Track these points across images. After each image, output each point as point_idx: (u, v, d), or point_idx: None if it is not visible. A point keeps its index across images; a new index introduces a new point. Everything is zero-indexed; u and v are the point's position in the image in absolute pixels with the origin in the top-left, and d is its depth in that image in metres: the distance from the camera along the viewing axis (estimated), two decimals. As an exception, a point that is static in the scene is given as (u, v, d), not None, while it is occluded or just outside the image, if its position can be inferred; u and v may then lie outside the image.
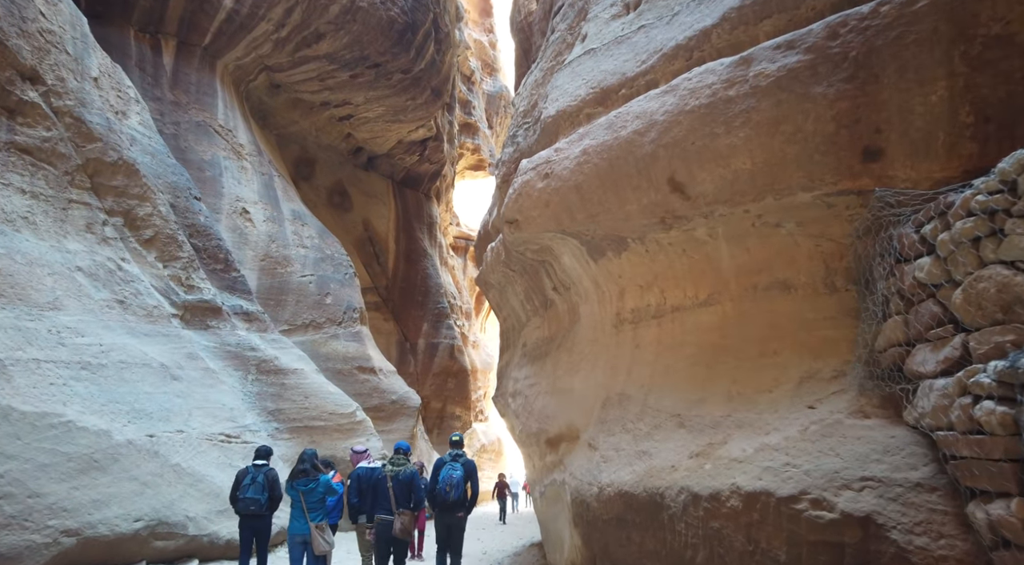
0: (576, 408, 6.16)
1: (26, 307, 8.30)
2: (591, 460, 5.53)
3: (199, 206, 12.85)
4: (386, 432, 18.42)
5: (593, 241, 5.72)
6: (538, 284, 7.33)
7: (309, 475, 7.72)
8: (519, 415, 7.57)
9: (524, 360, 7.94)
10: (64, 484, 7.64)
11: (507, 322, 9.68)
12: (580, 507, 5.47)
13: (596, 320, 6.21)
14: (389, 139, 24.30)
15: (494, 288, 9.30)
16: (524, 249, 6.75)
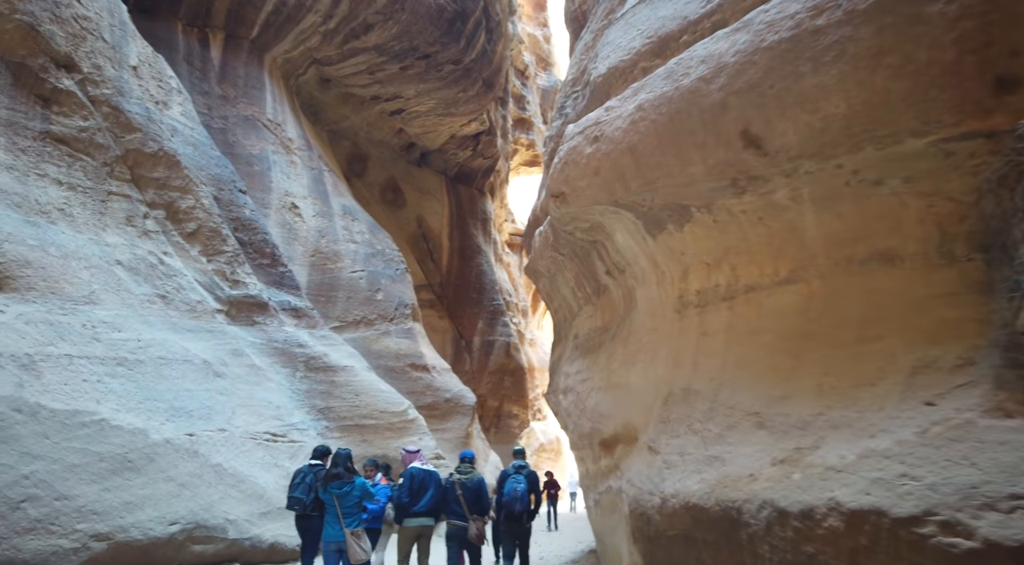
0: (633, 406, 5.38)
1: (59, 301, 8.05)
2: (652, 466, 4.74)
3: (244, 199, 12.59)
4: (440, 431, 17.93)
5: (651, 213, 4.93)
6: (589, 268, 6.57)
7: (343, 478, 7.19)
8: (570, 413, 6.83)
9: (576, 353, 7.18)
10: (95, 485, 7.32)
11: (558, 313, 8.94)
12: (640, 520, 4.69)
13: (655, 305, 5.41)
14: (441, 134, 23.87)
15: (544, 277, 8.58)
16: (573, 228, 6.00)
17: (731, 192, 4.32)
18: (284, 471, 10.58)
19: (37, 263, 7.87)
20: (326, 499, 7.31)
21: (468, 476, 7.53)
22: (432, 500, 7.87)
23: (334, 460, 7.32)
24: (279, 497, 9.99)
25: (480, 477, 7.68)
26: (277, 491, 10.05)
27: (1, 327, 7.10)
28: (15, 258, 7.57)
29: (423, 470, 8.07)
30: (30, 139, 8.43)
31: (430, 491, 8.00)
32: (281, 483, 10.29)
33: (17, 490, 6.52)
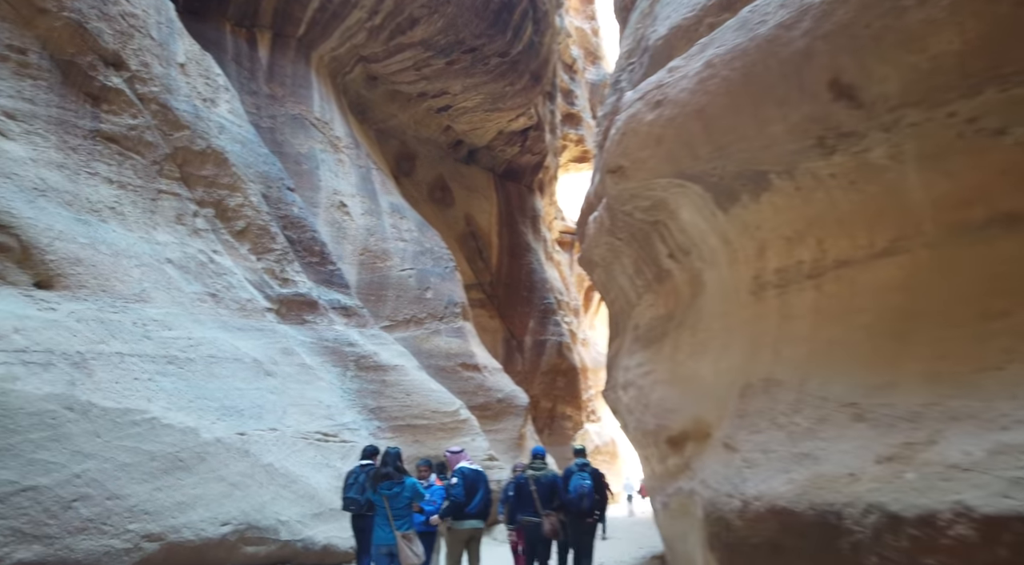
0: (705, 399, 4.89)
1: (110, 299, 8.00)
2: (729, 465, 4.24)
3: (292, 196, 12.51)
4: (493, 432, 17.59)
5: (721, 183, 4.43)
6: (650, 252, 6.09)
7: (393, 478, 6.89)
8: (632, 410, 6.36)
9: (636, 345, 6.71)
10: (146, 485, 7.20)
11: (615, 305, 8.46)
12: (717, 525, 4.20)
13: (727, 288, 4.91)
14: (489, 130, 23.58)
15: (599, 266, 8.12)
16: (632, 208, 5.54)
17: (817, 153, 3.80)
18: (336, 471, 10.38)
19: (88, 261, 7.83)
20: (376, 500, 7.03)
21: (542, 472, 7.60)
22: (482, 501, 7.61)
23: (383, 459, 7.04)
24: (331, 498, 9.79)
25: (554, 473, 7.69)
26: (329, 492, 9.86)
27: (52, 325, 7.05)
28: (66, 256, 7.53)
29: (473, 470, 7.79)
30: (80, 137, 8.43)
31: (480, 492, 7.67)
32: (333, 484, 10.10)
33: (69, 489, 6.42)
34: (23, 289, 7.07)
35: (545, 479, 7.56)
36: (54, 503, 6.24)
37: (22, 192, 7.31)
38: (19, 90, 7.70)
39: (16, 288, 7.00)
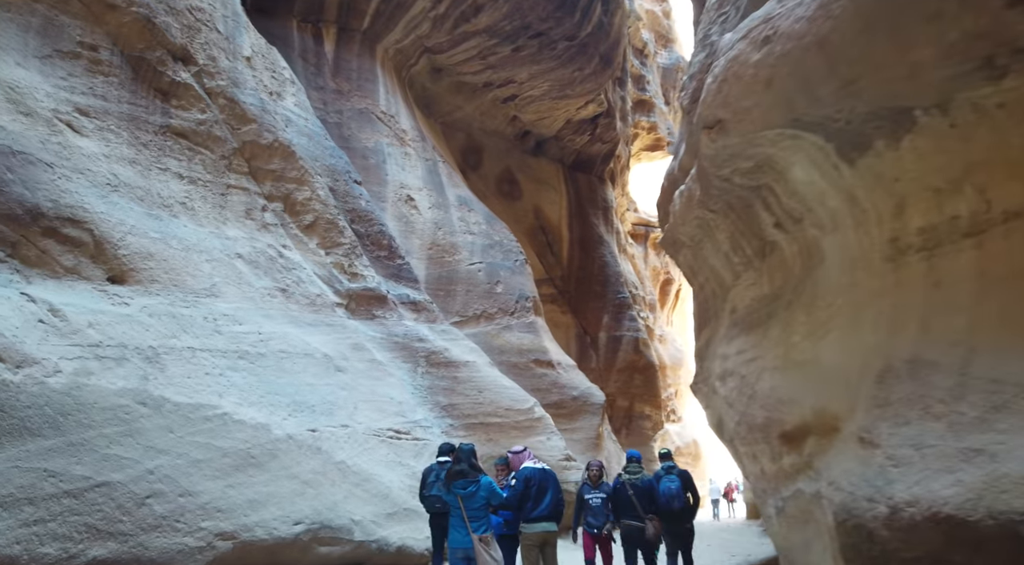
0: (828, 386, 4.19)
1: (181, 294, 7.88)
2: (868, 463, 3.55)
3: (359, 190, 12.30)
4: (569, 431, 17.01)
5: (848, 129, 3.74)
6: (751, 224, 5.40)
7: (468, 476, 6.43)
8: (732, 403, 5.69)
9: (734, 331, 6.02)
10: (218, 482, 7.01)
11: (704, 289, 7.75)
12: (854, 535, 3.52)
13: (853, 256, 4.19)
14: (557, 119, 23.00)
15: (686, 247, 7.43)
16: (730, 171, 4.88)
17: (982, 77, 3.07)
18: (409, 470, 10.06)
19: (159, 256, 7.73)
20: (450, 500, 6.59)
21: (638, 476, 7.67)
22: (553, 502, 7.14)
23: (456, 456, 6.60)
24: (405, 497, 9.47)
25: (650, 477, 7.82)
26: (402, 491, 9.53)
27: (125, 320, 6.95)
28: (138, 251, 7.44)
29: (538, 469, 7.29)
30: (151, 133, 8.38)
31: (549, 492, 7.18)
32: (406, 483, 9.78)
33: (142, 485, 6.26)
34: (97, 284, 7.00)
35: (642, 483, 7.59)
36: (128, 500, 6.08)
37: (95, 187, 7.26)
38: (91, 87, 7.68)
39: (90, 283, 6.93)
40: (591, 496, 7.88)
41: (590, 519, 7.87)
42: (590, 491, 7.90)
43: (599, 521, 7.78)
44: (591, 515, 7.88)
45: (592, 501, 7.86)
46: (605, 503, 7.80)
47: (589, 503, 7.89)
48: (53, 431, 5.65)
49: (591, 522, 7.86)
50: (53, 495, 5.48)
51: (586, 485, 7.96)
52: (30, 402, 5.52)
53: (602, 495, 7.84)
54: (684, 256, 7.77)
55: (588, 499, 7.89)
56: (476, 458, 6.59)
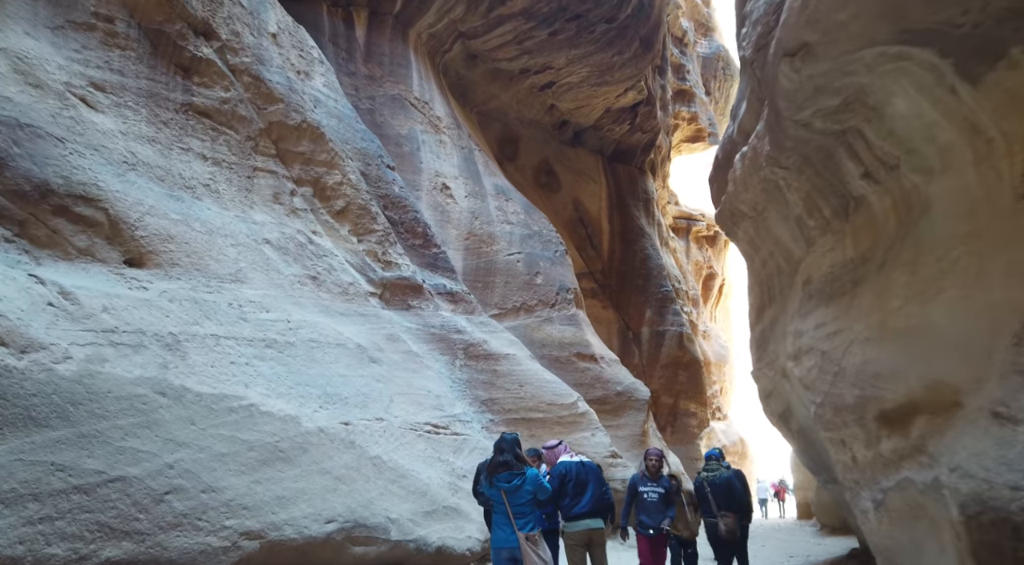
0: (944, 354, 3.47)
1: (204, 278, 7.45)
2: (1009, 443, 2.85)
3: (392, 175, 11.81)
4: (613, 428, 16.31)
5: (974, 34, 3.02)
6: (831, 178, 4.67)
7: (512, 469, 5.82)
8: (811, 384, 4.96)
9: (810, 304, 5.29)
10: (244, 477, 6.53)
11: (767, 265, 7.01)
12: (992, 532, 2.82)
13: (972, 197, 3.46)
14: (595, 107, 22.25)
15: (746, 218, 6.71)
16: (812, 113, 4.17)
17: None
18: (448, 466, 9.52)
19: (180, 238, 7.32)
20: (492, 495, 6.00)
21: (715, 474, 7.53)
22: (595, 497, 6.58)
23: (498, 446, 6.00)
24: (444, 495, 8.93)
25: (729, 474, 7.60)
26: (442, 488, 8.99)
27: (144, 305, 6.53)
28: (157, 232, 7.04)
29: (575, 463, 6.74)
30: (172, 111, 7.99)
31: (590, 487, 6.62)
32: (446, 479, 9.24)
33: (161, 481, 5.82)
34: (113, 266, 6.60)
35: (720, 480, 7.42)
36: (145, 496, 5.64)
37: (111, 165, 6.87)
38: (107, 61, 7.30)
39: (105, 265, 6.54)
40: (647, 490, 7.07)
41: (643, 517, 7.06)
42: (646, 484, 7.09)
43: (654, 520, 6.99)
44: (644, 512, 7.09)
45: (647, 496, 7.05)
46: (663, 499, 6.99)
47: (644, 498, 7.07)
48: (62, 422, 5.22)
49: (644, 522, 7.07)
50: (61, 491, 5.05)
51: (642, 478, 7.17)
52: (36, 390, 5.10)
53: (659, 490, 7.01)
54: (744, 229, 7.04)
55: (643, 493, 7.08)
56: (521, 448, 5.99)
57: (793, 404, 6.04)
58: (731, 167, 7.02)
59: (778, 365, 6.25)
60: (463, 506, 9.18)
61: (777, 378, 6.33)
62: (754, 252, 7.17)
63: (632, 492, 7.25)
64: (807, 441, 6.66)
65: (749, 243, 7.09)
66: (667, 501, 6.99)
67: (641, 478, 7.17)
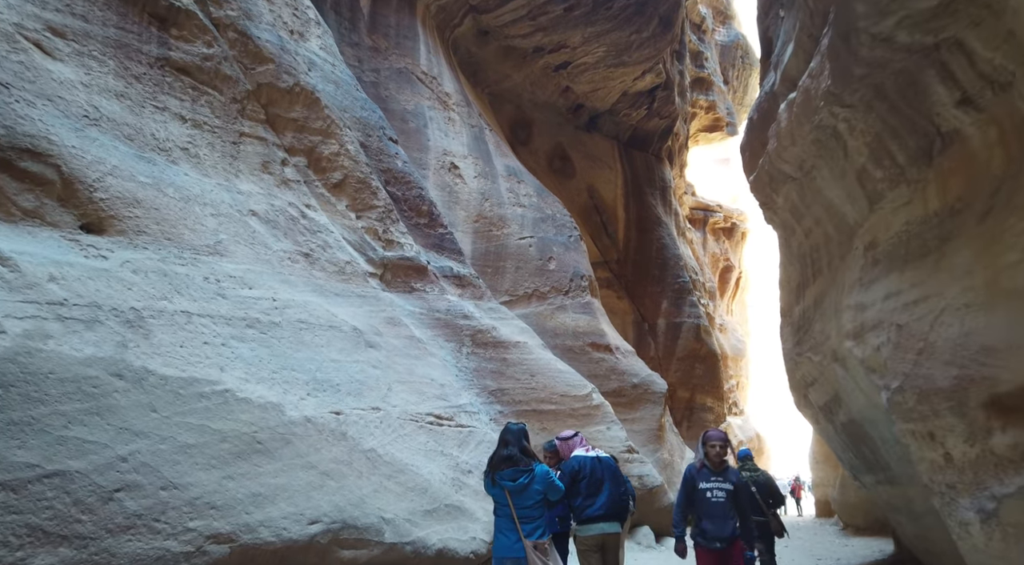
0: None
1: (176, 249, 6.66)
2: None
3: (395, 148, 10.98)
4: (628, 422, 15.46)
5: None
6: (913, 112, 3.80)
7: (518, 464, 5.00)
8: (880, 365, 4.09)
9: (875, 271, 4.41)
10: (214, 472, 5.74)
11: (810, 236, 6.12)
12: None
13: None
14: (612, 90, 21.32)
15: (788, 181, 5.83)
16: (896, 21, 3.29)
17: None
18: (452, 461, 8.71)
19: (149, 203, 6.53)
20: (495, 495, 5.18)
21: (757, 474, 7.33)
22: (612, 497, 5.74)
23: (503, 438, 5.18)
24: (447, 492, 8.13)
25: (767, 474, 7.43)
26: (444, 485, 8.18)
27: (101, 275, 5.75)
28: (121, 195, 6.24)
29: (590, 458, 5.90)
30: (145, 65, 7.19)
31: (606, 485, 5.79)
32: (449, 475, 8.44)
33: (111, 476, 5.03)
34: (66, 231, 5.81)
35: (763, 479, 7.21)
36: (90, 494, 4.85)
37: (68, 119, 6.08)
38: (69, 4, 6.52)
39: (57, 230, 5.75)
40: (710, 486, 5.33)
41: (706, 525, 5.35)
42: (708, 479, 5.38)
43: (722, 529, 5.24)
44: (708, 517, 5.34)
45: (711, 495, 5.32)
46: (731, 498, 5.29)
47: (706, 498, 5.33)
48: (-13, 405, 4.45)
49: (707, 530, 5.33)
50: (-18, 486, 4.27)
51: (701, 470, 5.45)
52: (-45, 367, 4.33)
53: (727, 486, 5.33)
54: (785, 195, 6.14)
55: (705, 492, 5.35)
56: (528, 441, 5.16)
57: (844, 392, 5.17)
58: (769, 127, 6.14)
59: (827, 347, 5.36)
60: (467, 504, 8.38)
61: (825, 363, 5.44)
62: (795, 222, 6.27)
63: (688, 490, 5.54)
64: (856, 435, 5.78)
65: (791, 211, 6.19)
66: (737, 502, 5.29)
67: (699, 470, 5.47)
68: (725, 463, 5.45)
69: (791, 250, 7.42)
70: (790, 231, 6.61)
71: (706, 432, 5.64)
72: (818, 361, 5.65)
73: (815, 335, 5.74)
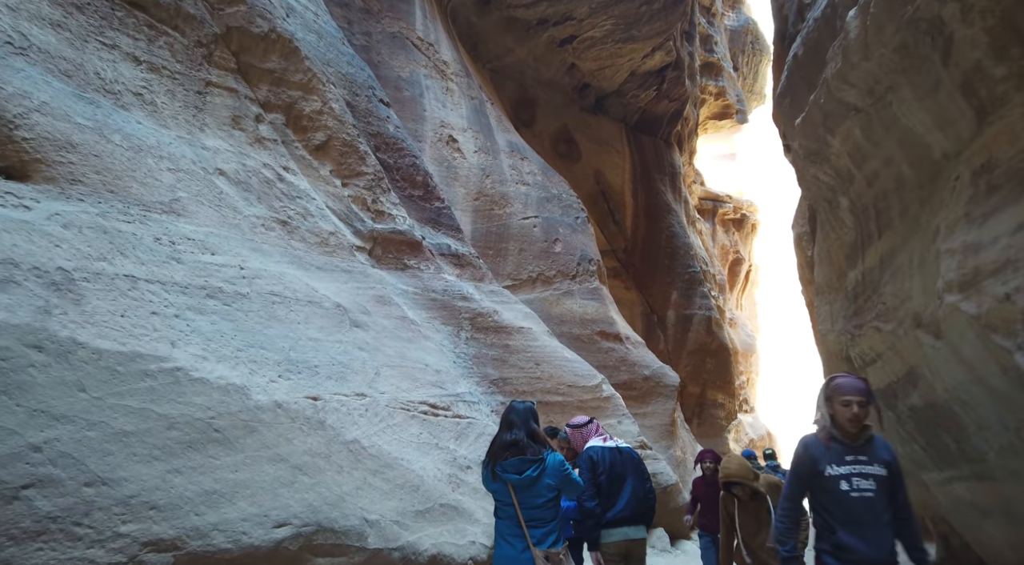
0: None
1: (121, 203, 5.66)
2: None
3: (386, 111, 9.97)
4: (639, 416, 14.46)
5: None
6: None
7: (525, 452, 3.99)
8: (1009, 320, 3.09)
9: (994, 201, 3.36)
10: (157, 465, 4.75)
11: (874, 184, 5.10)
12: None
13: None
14: (620, 69, 20.31)
15: (850, 115, 4.83)
16: None
17: None
18: (449, 455, 7.73)
19: (88, 149, 5.53)
20: (496, 491, 4.18)
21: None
22: (636, 495, 4.99)
23: (506, 419, 4.18)
24: (442, 489, 7.16)
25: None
26: (439, 482, 7.20)
27: (21, 228, 4.75)
28: (50, 136, 5.25)
29: (609, 448, 5.12)
30: (90, -5, 6.20)
31: (629, 481, 5.01)
32: (445, 471, 7.46)
33: (18, 469, 4.04)
34: (-23, 175, 4.83)
35: None
36: (-11, 490, 3.87)
37: (-14, 44, 5.10)
38: (-6, -84, 5.53)
39: (-35, 172, 4.77)
40: (845, 473, 3.36)
41: (843, 536, 3.34)
42: (842, 459, 3.40)
43: (875, 544, 3.27)
44: (848, 526, 3.33)
45: (852, 486, 3.35)
46: (884, 490, 3.33)
47: (840, 492, 3.38)
48: None
49: (847, 544, 3.31)
50: None
51: (829, 444, 3.45)
52: None
53: (878, 471, 3.36)
54: (845, 134, 5.13)
55: (835, 480, 3.39)
56: (538, 422, 4.16)
57: (928, 366, 4.16)
58: (819, 60, 5.14)
59: (904, 312, 4.35)
60: (466, 504, 7.39)
61: (901, 332, 4.43)
62: (855, 168, 5.26)
63: (802, 480, 3.54)
64: (933, 422, 4.78)
65: (849, 154, 5.19)
66: (894, 495, 3.35)
67: (827, 445, 3.45)
68: (867, 432, 3.41)
69: (839, 211, 6.41)
70: (846, 182, 5.59)
71: (832, 379, 3.47)
72: (889, 331, 4.64)
73: (886, 299, 4.74)
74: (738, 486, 5.84)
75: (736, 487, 5.87)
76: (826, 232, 7.46)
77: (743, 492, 5.85)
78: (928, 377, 4.40)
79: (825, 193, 6.77)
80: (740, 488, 5.83)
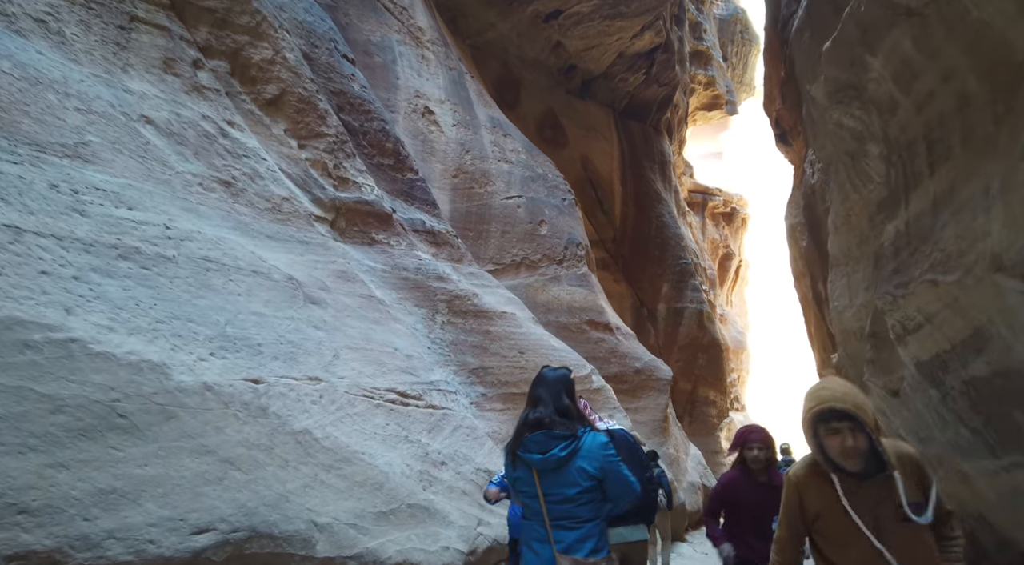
0: None
1: (6, 141, 4.64)
2: None
3: (351, 69, 8.97)
4: (631, 411, 13.51)
5: None
6: None
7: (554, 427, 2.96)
8: None
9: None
10: (32, 457, 3.73)
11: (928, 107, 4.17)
12: None
13: None
14: (607, 50, 19.44)
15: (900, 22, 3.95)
16: None
17: None
18: (419, 449, 6.74)
19: (-36, 74, 4.51)
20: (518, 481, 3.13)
21: None
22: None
23: (533, 393, 3.19)
24: (411, 488, 6.18)
25: None
26: (407, 478, 6.22)
27: None
28: (-90, 52, 4.24)
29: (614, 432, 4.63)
30: (-21, -100, 5.19)
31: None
32: (415, 467, 6.47)
33: None
34: None
35: None
36: None
37: None
38: None
39: None
40: None
41: None
42: None
43: None
44: None
45: None
46: None
47: None
48: None
49: None
50: None
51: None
52: None
53: None
54: (890, 49, 4.24)
55: None
56: (573, 396, 3.17)
57: (1004, 322, 3.27)
58: None
59: (972, 257, 3.44)
60: (439, 504, 6.40)
61: (968, 282, 3.53)
62: (901, 92, 4.35)
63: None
64: (995, 398, 3.87)
65: (894, 77, 4.28)
66: None
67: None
68: None
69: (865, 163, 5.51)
70: (885, 115, 4.69)
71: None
72: (953, 282, 3.74)
73: (945, 245, 3.83)
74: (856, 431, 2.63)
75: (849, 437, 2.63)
76: (845, 194, 6.57)
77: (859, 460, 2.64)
78: (1004, 337, 3.50)
79: (848, 145, 5.87)
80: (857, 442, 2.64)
